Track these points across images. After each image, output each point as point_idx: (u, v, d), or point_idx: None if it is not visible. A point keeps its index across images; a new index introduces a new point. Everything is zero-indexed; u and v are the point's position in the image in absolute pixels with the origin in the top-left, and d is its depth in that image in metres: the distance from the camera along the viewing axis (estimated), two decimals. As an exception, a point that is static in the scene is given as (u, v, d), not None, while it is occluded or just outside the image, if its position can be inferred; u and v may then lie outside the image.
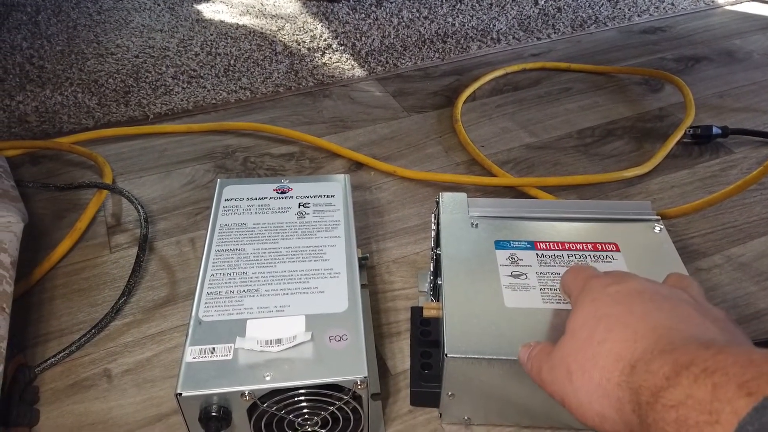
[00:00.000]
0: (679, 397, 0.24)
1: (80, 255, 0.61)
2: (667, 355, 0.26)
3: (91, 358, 0.51)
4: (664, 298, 0.31)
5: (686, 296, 0.32)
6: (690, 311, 0.30)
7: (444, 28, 1.03)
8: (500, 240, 0.50)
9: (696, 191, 0.68)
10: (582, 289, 0.34)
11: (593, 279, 0.34)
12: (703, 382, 0.24)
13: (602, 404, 0.29)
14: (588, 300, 0.33)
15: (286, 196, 0.53)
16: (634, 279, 0.34)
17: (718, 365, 0.24)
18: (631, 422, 0.27)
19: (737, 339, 0.29)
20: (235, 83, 0.88)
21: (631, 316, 0.30)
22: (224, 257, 0.47)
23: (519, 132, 0.79)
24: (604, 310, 0.31)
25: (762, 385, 0.22)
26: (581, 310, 0.33)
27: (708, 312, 0.31)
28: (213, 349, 0.39)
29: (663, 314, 0.30)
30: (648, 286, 0.33)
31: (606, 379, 0.29)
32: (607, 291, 0.32)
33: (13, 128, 0.78)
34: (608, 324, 0.30)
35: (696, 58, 0.95)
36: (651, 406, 0.26)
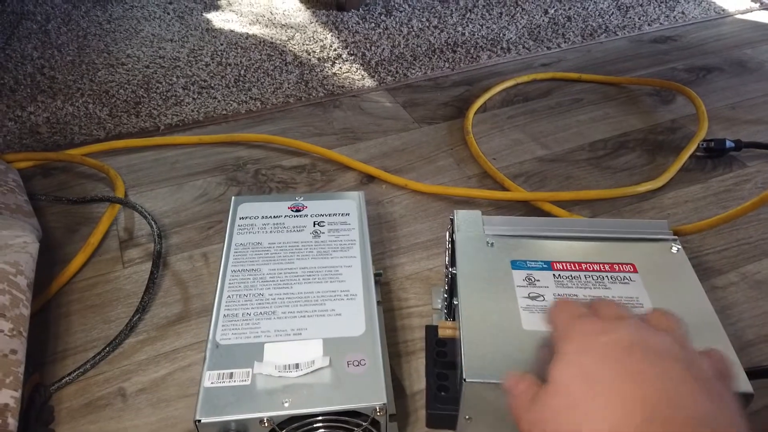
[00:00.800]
0: None
1: (93, 270, 0.61)
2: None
3: (106, 376, 0.51)
4: (655, 355, 0.29)
5: (676, 348, 0.30)
6: (681, 374, 0.28)
7: (454, 38, 1.03)
8: (516, 260, 0.50)
9: (710, 206, 0.68)
10: (568, 331, 0.32)
11: (581, 322, 0.32)
12: None
13: None
14: (575, 351, 0.31)
15: (301, 214, 0.53)
16: (624, 326, 0.31)
17: None
18: None
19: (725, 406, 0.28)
20: (245, 94, 0.88)
21: (622, 383, 0.28)
22: (240, 278, 0.47)
23: (531, 144, 0.78)
24: (594, 372, 0.29)
25: None
26: (569, 363, 0.30)
27: (696, 370, 0.29)
28: (231, 374, 0.39)
29: (655, 382, 0.28)
30: (638, 337, 0.30)
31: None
32: (597, 343, 0.30)
33: (24, 139, 0.78)
34: (598, 390, 0.28)
35: (707, 68, 0.94)
36: None
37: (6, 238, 0.50)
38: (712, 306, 0.45)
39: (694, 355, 0.30)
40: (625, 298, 0.46)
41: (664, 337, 0.31)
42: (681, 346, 0.30)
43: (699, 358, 0.30)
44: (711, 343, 0.43)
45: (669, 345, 0.30)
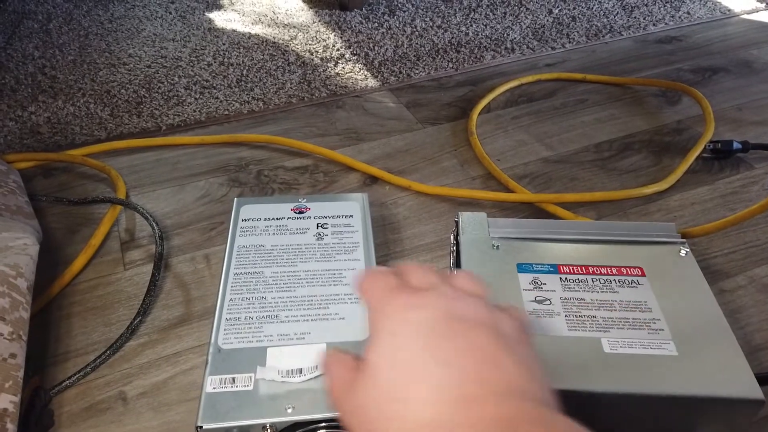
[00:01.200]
0: None
1: (94, 272, 0.61)
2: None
3: (107, 380, 0.51)
4: (463, 325, 0.29)
5: (482, 312, 0.30)
6: (488, 343, 0.28)
7: (457, 38, 1.02)
8: (522, 263, 0.49)
9: (717, 208, 0.67)
10: (380, 306, 0.31)
11: (392, 297, 0.31)
12: None
13: None
14: (387, 331, 0.30)
15: (304, 216, 0.52)
16: (433, 298, 0.31)
17: None
18: None
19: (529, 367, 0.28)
20: (247, 94, 0.87)
21: (430, 364, 0.27)
22: (243, 281, 0.46)
23: (535, 145, 0.78)
24: (404, 352, 0.28)
25: None
26: (379, 342, 0.30)
27: (502, 334, 0.29)
28: (233, 379, 0.39)
29: (460, 358, 0.28)
30: (446, 308, 0.30)
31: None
32: (407, 319, 0.29)
33: (25, 139, 0.78)
34: (408, 375, 0.28)
35: (713, 68, 0.94)
36: None
37: (6, 240, 0.49)
38: (721, 311, 0.45)
39: (498, 316, 0.31)
40: (633, 301, 0.46)
41: (471, 302, 0.31)
42: (487, 310, 0.31)
43: (502, 319, 0.31)
44: (721, 347, 0.42)
45: (476, 310, 0.30)
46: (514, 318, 0.32)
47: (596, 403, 0.40)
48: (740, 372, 0.40)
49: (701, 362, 0.41)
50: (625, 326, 0.44)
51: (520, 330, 0.31)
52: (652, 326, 0.44)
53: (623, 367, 0.41)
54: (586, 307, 0.45)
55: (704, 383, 0.40)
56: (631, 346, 0.42)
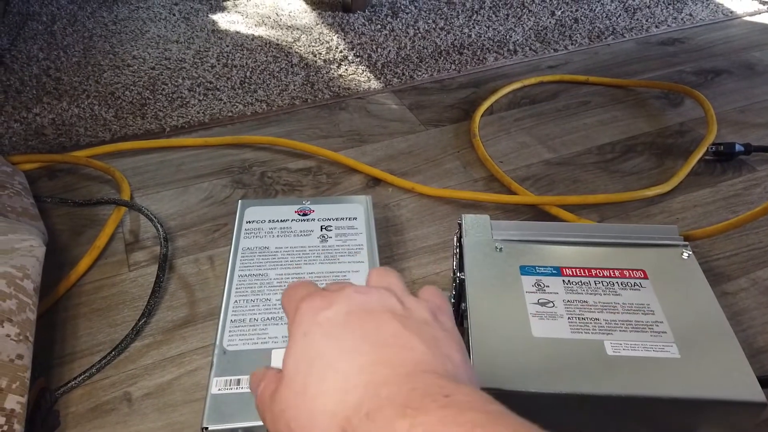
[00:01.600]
0: None
1: (99, 273, 0.61)
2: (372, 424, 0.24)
3: (112, 380, 0.51)
4: (371, 315, 0.29)
5: (392, 301, 0.31)
6: (394, 328, 0.29)
7: (460, 40, 1.03)
8: (525, 265, 0.49)
9: (719, 210, 0.67)
10: (295, 314, 0.31)
11: (305, 302, 0.31)
12: None
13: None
14: (300, 334, 0.30)
15: (308, 218, 0.53)
16: (344, 295, 0.31)
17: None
18: None
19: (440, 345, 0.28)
20: (251, 95, 0.88)
21: (341, 354, 0.28)
22: (247, 283, 0.46)
23: (538, 147, 0.78)
24: (315, 349, 0.29)
25: None
26: (294, 346, 0.30)
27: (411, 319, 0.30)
28: (238, 381, 0.39)
29: (369, 341, 0.28)
30: (356, 302, 0.30)
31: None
32: (317, 320, 0.30)
33: (30, 141, 0.78)
34: (320, 370, 0.28)
35: (715, 71, 0.94)
36: None
37: (12, 241, 0.49)
38: (723, 313, 0.45)
39: (411, 304, 0.31)
40: (636, 304, 0.46)
41: (382, 293, 0.31)
42: (398, 299, 0.31)
43: (416, 305, 0.31)
44: (723, 350, 0.42)
45: (385, 301, 0.31)
46: (430, 299, 0.32)
47: (598, 406, 0.40)
48: (743, 375, 0.41)
49: (704, 365, 0.41)
50: (627, 329, 0.44)
51: (435, 311, 0.31)
52: (655, 329, 0.44)
53: (626, 369, 0.41)
54: (589, 309, 0.45)
55: (707, 386, 0.40)
56: (633, 349, 0.42)
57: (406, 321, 0.29)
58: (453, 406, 0.23)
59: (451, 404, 0.23)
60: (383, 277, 0.34)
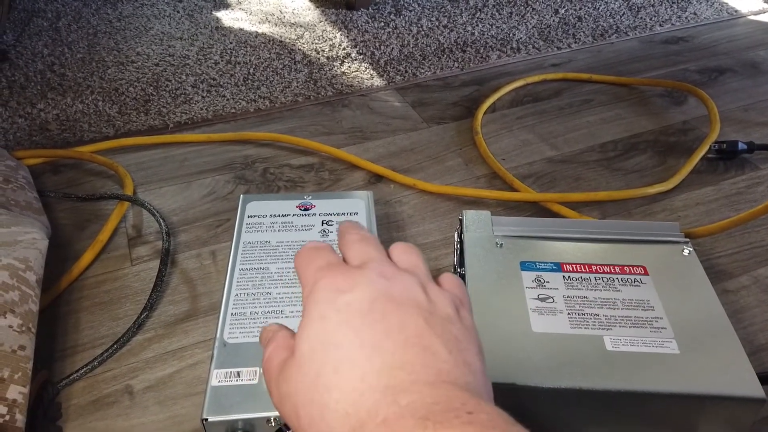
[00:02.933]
0: None
1: (102, 267, 0.61)
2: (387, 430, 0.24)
3: (113, 374, 0.51)
4: (396, 307, 0.28)
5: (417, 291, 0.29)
6: (420, 324, 0.28)
7: (463, 37, 1.03)
8: (526, 261, 0.50)
9: (721, 209, 0.67)
10: (312, 288, 0.30)
11: (325, 278, 0.30)
12: None
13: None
14: (317, 315, 0.28)
15: (309, 213, 0.53)
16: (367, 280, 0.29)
17: None
18: None
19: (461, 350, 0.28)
20: (254, 92, 0.88)
21: (360, 350, 0.26)
22: (248, 276, 0.46)
23: (540, 145, 0.78)
24: (333, 337, 0.27)
25: None
26: (309, 327, 0.28)
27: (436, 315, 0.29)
28: (238, 373, 0.39)
29: (390, 342, 0.27)
30: (380, 289, 0.29)
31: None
32: (337, 305, 0.28)
33: (34, 136, 0.79)
34: (337, 362, 0.27)
35: (719, 69, 0.93)
36: None
37: (15, 234, 0.50)
38: (723, 310, 0.45)
39: (435, 295, 0.30)
40: (636, 300, 0.46)
41: (407, 280, 0.30)
42: (423, 288, 0.30)
43: (440, 297, 0.30)
44: (723, 346, 0.42)
45: (409, 289, 0.29)
46: (451, 289, 0.31)
47: (597, 401, 0.41)
48: (742, 371, 0.41)
49: (703, 361, 0.41)
50: (627, 324, 0.44)
51: (458, 305, 0.30)
52: (655, 324, 0.44)
53: (625, 364, 0.41)
54: (589, 305, 0.46)
55: (706, 381, 0.40)
56: (633, 344, 0.42)
57: (430, 318, 0.28)
58: (476, 423, 0.23)
59: (473, 421, 0.23)
60: (408, 255, 0.32)
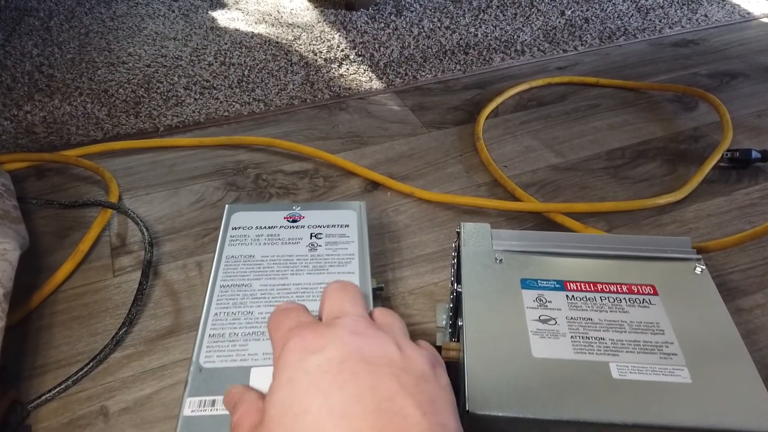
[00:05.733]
0: None
1: (82, 278, 0.58)
2: None
3: (88, 393, 0.48)
4: (367, 368, 0.27)
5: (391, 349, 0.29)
6: (393, 387, 0.27)
7: (466, 39, 1.00)
8: (527, 278, 0.46)
9: (734, 221, 0.64)
10: (282, 349, 0.29)
11: (294, 339, 0.29)
12: None
13: None
14: (285, 378, 0.28)
15: (298, 225, 0.50)
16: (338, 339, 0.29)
17: None
18: None
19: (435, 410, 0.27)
20: (248, 95, 0.85)
21: (329, 417, 0.26)
22: (229, 294, 0.44)
23: (544, 151, 0.75)
24: (301, 402, 0.27)
25: None
26: (278, 391, 0.28)
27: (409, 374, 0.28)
28: (213, 402, 0.36)
29: (360, 408, 0.26)
30: (351, 348, 0.28)
31: None
32: (305, 366, 0.28)
33: (19, 139, 0.76)
34: (304, 428, 0.26)
35: (731, 73, 0.90)
36: None
37: (-15, 245, 0.47)
38: (739, 335, 0.42)
39: (410, 351, 0.30)
40: (645, 323, 0.43)
41: (380, 338, 0.29)
42: (397, 346, 0.29)
43: (415, 354, 0.30)
44: (738, 375, 0.39)
45: (383, 347, 0.29)
46: (428, 351, 0.31)
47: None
48: (759, 402, 0.37)
49: (717, 391, 0.38)
50: (635, 350, 0.41)
51: (434, 362, 0.30)
52: (665, 350, 0.41)
53: (633, 395, 0.38)
54: (594, 327, 0.42)
55: (720, 414, 0.37)
56: (641, 372, 0.39)
57: (403, 376, 0.28)
58: None
59: None
60: (385, 315, 0.33)
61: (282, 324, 0.31)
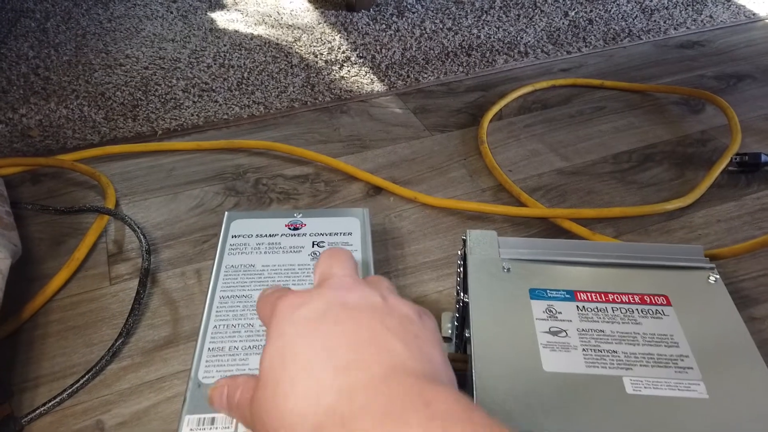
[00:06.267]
0: None
1: (78, 287, 0.57)
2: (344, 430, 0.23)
3: (83, 407, 0.47)
4: (350, 311, 0.28)
5: (375, 298, 0.30)
6: (374, 325, 0.28)
7: (469, 41, 0.98)
8: (536, 288, 0.45)
9: (744, 226, 0.62)
10: (272, 317, 0.30)
11: (281, 301, 0.30)
12: None
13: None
14: (276, 335, 0.29)
15: (299, 233, 0.48)
16: (323, 290, 0.30)
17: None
18: None
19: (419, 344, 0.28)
20: (248, 97, 0.84)
21: (316, 354, 0.27)
22: (229, 305, 0.42)
23: (549, 155, 0.73)
24: (290, 349, 0.27)
25: None
26: (269, 348, 0.29)
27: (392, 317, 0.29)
28: (213, 420, 0.35)
29: (345, 341, 0.27)
30: (335, 298, 0.29)
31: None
32: (293, 318, 0.29)
33: (15, 143, 0.75)
34: (293, 371, 0.27)
35: (738, 75, 0.89)
36: None
37: (-23, 255, 0.45)
38: (756, 347, 0.40)
39: (394, 301, 0.30)
40: (658, 335, 0.41)
41: (365, 290, 0.30)
42: (382, 297, 0.30)
43: (400, 303, 0.30)
44: (757, 390, 0.38)
45: (367, 297, 0.30)
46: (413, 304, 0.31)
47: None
48: (779, 419, 0.36)
49: (735, 407, 0.37)
50: (649, 363, 0.39)
51: (417, 313, 0.30)
52: (680, 364, 0.39)
53: (648, 411, 0.37)
54: (606, 340, 0.41)
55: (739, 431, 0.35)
56: (656, 387, 0.38)
57: (386, 318, 0.28)
58: (437, 418, 0.22)
59: (433, 416, 0.22)
60: (374, 277, 0.33)
61: (268, 299, 0.31)
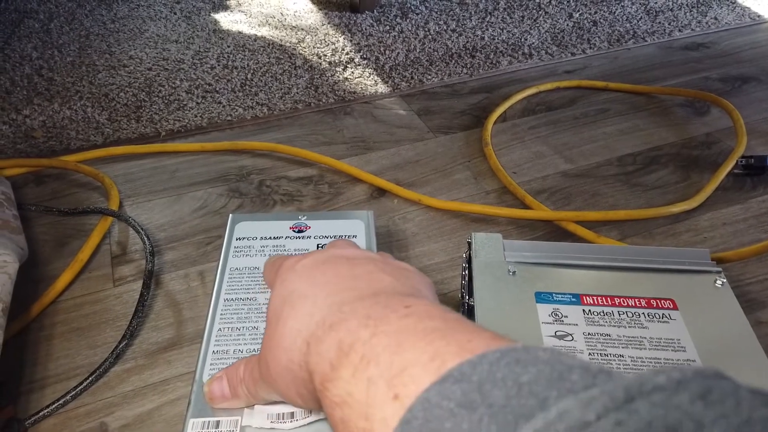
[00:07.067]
0: (341, 394, 0.22)
1: (81, 288, 0.57)
2: (334, 333, 0.25)
3: (87, 409, 0.47)
4: (348, 260, 0.31)
5: (373, 255, 0.32)
6: (369, 267, 0.30)
7: (473, 42, 0.98)
8: (541, 291, 0.45)
9: (750, 229, 0.62)
10: (276, 276, 0.32)
11: (285, 261, 0.32)
12: (360, 377, 0.22)
13: (297, 386, 0.27)
14: (278, 284, 0.31)
15: (304, 235, 0.48)
16: (325, 249, 0.33)
17: (373, 352, 0.22)
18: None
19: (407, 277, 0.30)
20: (252, 99, 0.84)
21: (313, 287, 0.29)
22: (233, 308, 0.42)
23: (554, 157, 0.73)
24: (290, 288, 0.30)
25: (408, 383, 0.20)
26: (273, 295, 0.31)
27: (389, 264, 0.31)
28: (217, 423, 0.35)
29: (340, 276, 0.29)
30: (336, 252, 0.32)
31: (290, 360, 0.27)
32: (295, 269, 0.31)
33: (18, 144, 0.75)
34: (291, 300, 0.29)
35: (743, 77, 0.88)
36: (323, 395, 0.24)
37: (-19, 256, 0.45)
38: (763, 351, 0.40)
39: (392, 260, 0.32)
40: (665, 339, 0.41)
41: (363, 252, 0.32)
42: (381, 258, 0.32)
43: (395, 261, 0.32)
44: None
45: (365, 254, 0.32)
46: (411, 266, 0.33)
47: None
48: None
49: (743, 412, 0.36)
50: (656, 368, 0.39)
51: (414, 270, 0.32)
52: (687, 368, 0.39)
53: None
54: (612, 344, 0.41)
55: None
56: (663, 392, 0.38)
57: (381, 264, 0.30)
58: (413, 315, 0.24)
59: (411, 314, 0.24)
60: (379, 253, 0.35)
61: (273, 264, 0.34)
